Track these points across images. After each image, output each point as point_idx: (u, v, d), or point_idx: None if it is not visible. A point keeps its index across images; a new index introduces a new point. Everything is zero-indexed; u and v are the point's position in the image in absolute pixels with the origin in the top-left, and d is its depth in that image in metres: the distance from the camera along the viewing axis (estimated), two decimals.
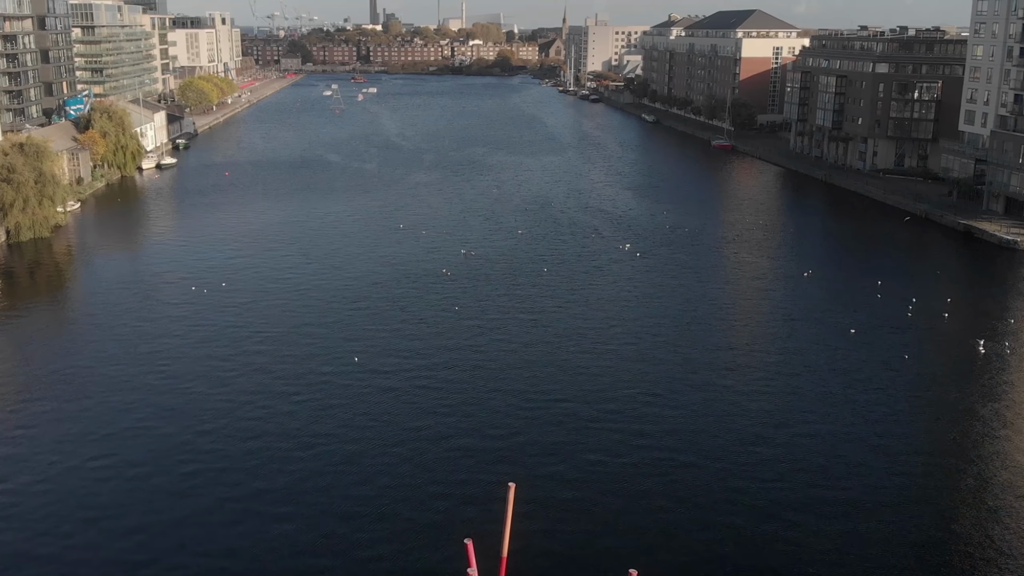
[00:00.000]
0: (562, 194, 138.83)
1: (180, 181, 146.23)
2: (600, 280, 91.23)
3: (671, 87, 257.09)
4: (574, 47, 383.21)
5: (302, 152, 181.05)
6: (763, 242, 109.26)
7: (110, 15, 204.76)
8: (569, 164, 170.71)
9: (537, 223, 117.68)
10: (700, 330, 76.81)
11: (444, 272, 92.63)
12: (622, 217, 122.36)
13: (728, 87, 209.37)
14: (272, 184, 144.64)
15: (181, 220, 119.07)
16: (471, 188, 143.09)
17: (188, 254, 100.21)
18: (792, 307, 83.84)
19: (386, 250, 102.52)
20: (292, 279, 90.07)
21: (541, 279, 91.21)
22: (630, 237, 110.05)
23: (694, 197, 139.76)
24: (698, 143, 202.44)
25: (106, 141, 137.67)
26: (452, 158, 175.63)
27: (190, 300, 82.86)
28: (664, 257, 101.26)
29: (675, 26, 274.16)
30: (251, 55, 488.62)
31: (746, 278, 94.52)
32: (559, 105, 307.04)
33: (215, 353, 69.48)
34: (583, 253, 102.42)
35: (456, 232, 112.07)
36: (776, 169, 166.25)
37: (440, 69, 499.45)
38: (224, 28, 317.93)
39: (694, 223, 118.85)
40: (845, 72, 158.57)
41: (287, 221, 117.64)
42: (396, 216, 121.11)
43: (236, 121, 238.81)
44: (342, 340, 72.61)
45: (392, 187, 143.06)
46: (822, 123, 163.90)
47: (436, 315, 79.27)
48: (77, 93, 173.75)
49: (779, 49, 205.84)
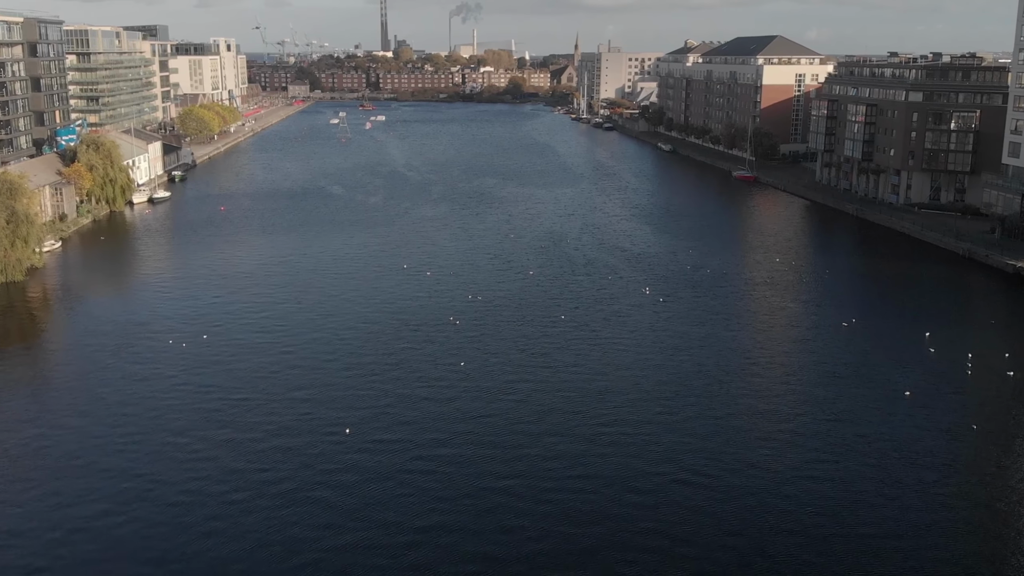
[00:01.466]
0: (576, 229, 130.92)
1: (172, 216, 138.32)
2: (620, 330, 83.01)
3: (688, 115, 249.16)
4: (587, 74, 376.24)
5: (304, 184, 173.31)
6: (795, 285, 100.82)
7: (107, 42, 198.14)
8: (583, 196, 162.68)
9: (550, 262, 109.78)
10: (736, 391, 68.46)
11: (451, 320, 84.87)
12: (641, 255, 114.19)
13: (749, 115, 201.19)
14: (269, 219, 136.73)
15: (167, 260, 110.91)
16: (480, 223, 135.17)
17: (170, 300, 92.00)
18: (835, 362, 75.44)
19: (387, 294, 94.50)
20: (281, 330, 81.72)
21: (556, 328, 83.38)
22: (650, 278, 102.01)
23: (717, 233, 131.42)
24: (717, 173, 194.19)
25: (93, 175, 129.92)
26: (461, 190, 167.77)
27: (164, 357, 74.53)
28: (688, 302, 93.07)
29: (692, 52, 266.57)
30: (258, 82, 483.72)
31: (780, 326, 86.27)
32: (572, 133, 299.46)
33: (181, 427, 60.88)
34: (600, 296, 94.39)
35: (463, 272, 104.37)
36: (802, 202, 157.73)
37: (450, 96, 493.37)
38: (229, 55, 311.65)
39: (718, 262, 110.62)
40: (875, 101, 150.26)
41: (282, 260, 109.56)
42: (400, 254, 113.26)
43: (238, 151, 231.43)
44: (332, 408, 64.06)
45: (397, 222, 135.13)
46: (851, 154, 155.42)
47: (440, 374, 70.97)
48: (70, 123, 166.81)
49: (802, 76, 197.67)
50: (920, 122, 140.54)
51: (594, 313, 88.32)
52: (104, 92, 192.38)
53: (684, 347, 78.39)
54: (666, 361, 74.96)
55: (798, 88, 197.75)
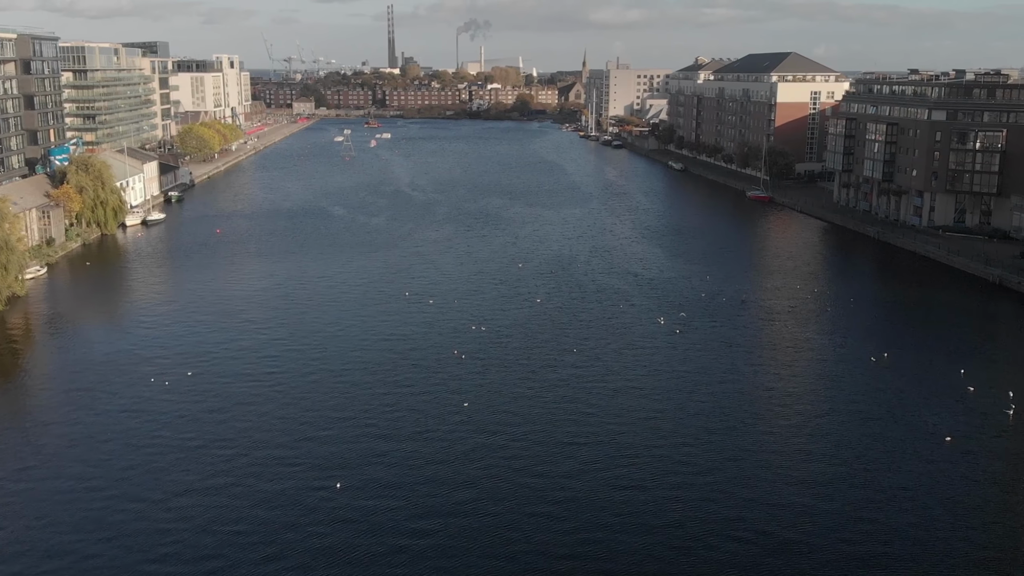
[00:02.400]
0: (585, 252, 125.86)
1: (166, 239, 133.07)
2: (635, 365, 77.81)
3: (699, 133, 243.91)
4: (595, 91, 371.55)
5: (304, 204, 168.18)
6: (819, 314, 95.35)
7: (105, 59, 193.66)
8: (593, 217, 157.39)
9: (559, 288, 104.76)
10: (762, 434, 63.43)
11: (455, 354, 79.77)
12: (654, 281, 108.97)
13: (762, 134, 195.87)
14: (266, 241, 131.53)
15: (156, 288, 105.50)
16: (486, 245, 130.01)
17: (156, 332, 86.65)
18: (867, 400, 70.27)
19: (387, 325, 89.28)
20: (271, 367, 76.30)
21: (566, 362, 78.38)
22: (665, 307, 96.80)
23: (732, 256, 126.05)
24: (730, 193, 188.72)
25: (82, 196, 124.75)
26: (466, 210, 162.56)
27: (144, 396, 69.19)
28: (706, 333, 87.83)
29: (703, 70, 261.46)
30: (263, 99, 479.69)
31: (806, 360, 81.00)
32: (580, 151, 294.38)
33: (153, 479, 55.48)
34: (613, 327, 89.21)
35: (468, 300, 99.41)
36: (820, 224, 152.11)
37: (457, 113, 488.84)
38: (232, 71, 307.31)
39: (735, 288, 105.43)
40: (896, 119, 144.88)
41: (276, 287, 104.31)
42: (401, 280, 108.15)
43: (239, 170, 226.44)
44: (322, 457, 58.57)
45: (399, 245, 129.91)
46: (870, 174, 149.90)
47: (441, 416, 65.65)
48: (64, 142, 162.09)
49: (817, 94, 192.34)
50: (943, 142, 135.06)
51: (606, 345, 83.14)
52: (101, 110, 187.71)
53: (704, 384, 73.16)
54: (685, 401, 69.58)
55: (813, 106, 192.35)
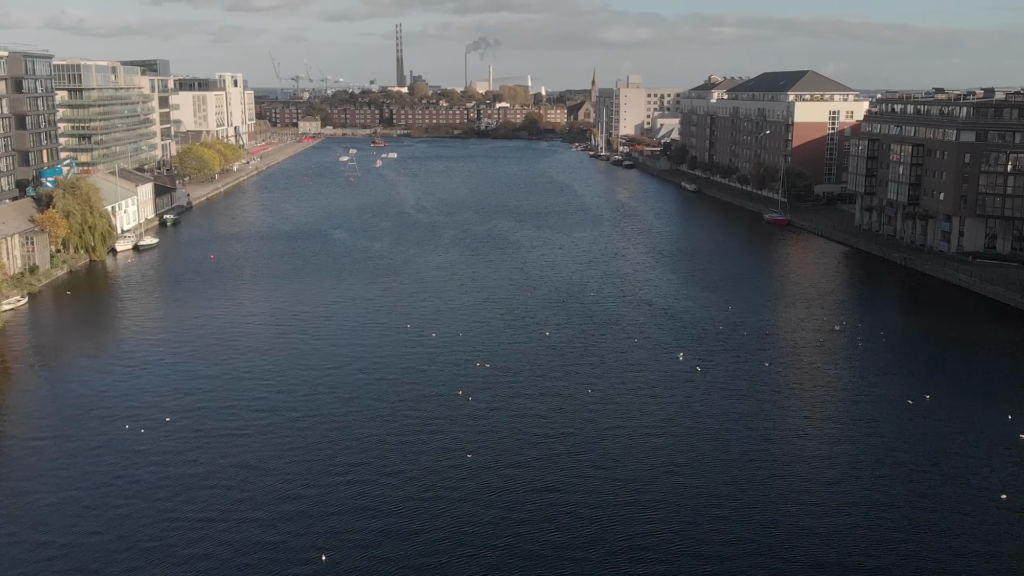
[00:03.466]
0: (597, 279, 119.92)
1: (157, 266, 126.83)
2: (653, 408, 72.00)
3: (713, 153, 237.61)
4: (605, 110, 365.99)
5: (305, 227, 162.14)
6: (848, 349, 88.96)
7: (102, 77, 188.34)
8: (604, 241, 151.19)
9: (569, 320, 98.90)
10: (796, 488, 57.60)
11: (458, 395, 73.89)
12: (670, 311, 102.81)
13: (779, 154, 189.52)
14: (262, 267, 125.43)
15: (141, 319, 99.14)
16: (492, 271, 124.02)
17: (136, 370, 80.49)
18: (909, 450, 64.50)
19: (386, 362, 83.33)
20: (257, 412, 70.03)
21: (578, 402, 72.64)
22: (682, 339, 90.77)
23: (751, 283, 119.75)
24: (746, 216, 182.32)
25: (69, 221, 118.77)
26: (473, 233, 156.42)
27: (113, 448, 62.96)
28: (728, 369, 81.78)
29: (716, 88, 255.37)
30: (268, 118, 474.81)
31: (838, 401, 75.10)
32: (590, 171, 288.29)
33: (116, 548, 49.16)
34: (628, 364, 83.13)
35: (472, 332, 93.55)
36: (842, 249, 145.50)
37: (465, 132, 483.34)
38: (236, 90, 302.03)
39: (757, 319, 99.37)
40: (922, 140, 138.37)
41: (269, 319, 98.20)
42: (403, 310, 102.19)
43: (240, 191, 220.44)
44: (308, 524, 52.17)
45: (402, 271, 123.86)
46: (895, 197, 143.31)
47: (442, 471, 59.55)
48: (57, 163, 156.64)
49: (836, 113, 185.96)
50: (973, 164, 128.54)
51: (620, 385, 77.22)
52: (97, 130, 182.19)
53: (729, 430, 67.17)
54: (709, 450, 63.54)
55: (832, 126, 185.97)
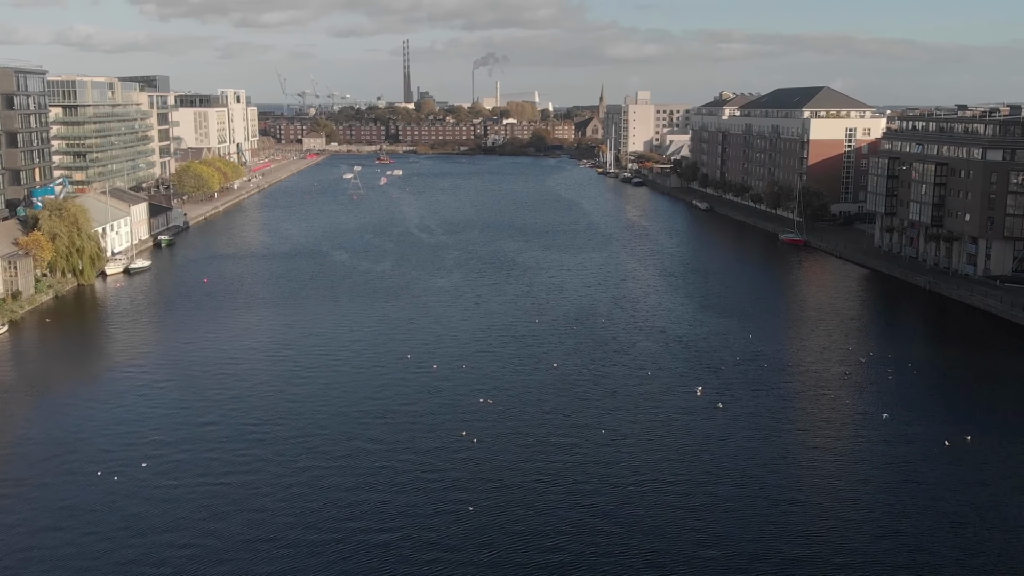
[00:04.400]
0: (607, 303, 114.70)
1: (147, 290, 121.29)
2: (671, 450, 67.23)
3: (725, 171, 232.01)
4: (613, 126, 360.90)
5: (304, 248, 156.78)
6: (876, 383, 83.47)
7: (98, 93, 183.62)
8: (614, 262, 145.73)
9: (577, 348, 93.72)
10: (835, 547, 52.22)
11: (461, 435, 68.65)
12: (684, 339, 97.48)
13: (794, 172, 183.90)
14: (258, 293, 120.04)
15: (125, 350, 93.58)
16: (498, 295, 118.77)
17: (114, 407, 75.12)
18: (952, 500, 58.88)
19: (383, 397, 78.33)
20: (240, 458, 64.58)
21: (589, 445, 67.21)
22: (699, 371, 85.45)
23: (769, 308, 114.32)
24: (760, 236, 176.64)
25: (55, 244, 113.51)
26: (478, 255, 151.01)
27: (84, 495, 57.66)
28: (751, 406, 76.49)
29: (727, 105, 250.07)
30: (273, 134, 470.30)
31: (870, 442, 69.59)
32: (599, 189, 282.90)
33: None
34: (642, 399, 77.96)
35: (476, 363, 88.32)
36: (862, 271, 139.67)
37: (472, 149, 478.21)
38: (238, 106, 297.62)
39: (777, 349, 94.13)
40: (945, 159, 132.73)
41: (261, 349, 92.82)
42: (403, 338, 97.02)
43: (239, 209, 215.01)
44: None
45: (403, 295, 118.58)
46: (917, 218, 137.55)
47: (441, 526, 54.24)
48: (49, 182, 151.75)
49: (852, 130, 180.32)
50: (1000, 184, 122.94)
51: (634, 424, 72.06)
52: (92, 147, 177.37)
53: (754, 477, 62.02)
54: (734, 499, 58.67)
55: (848, 143, 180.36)
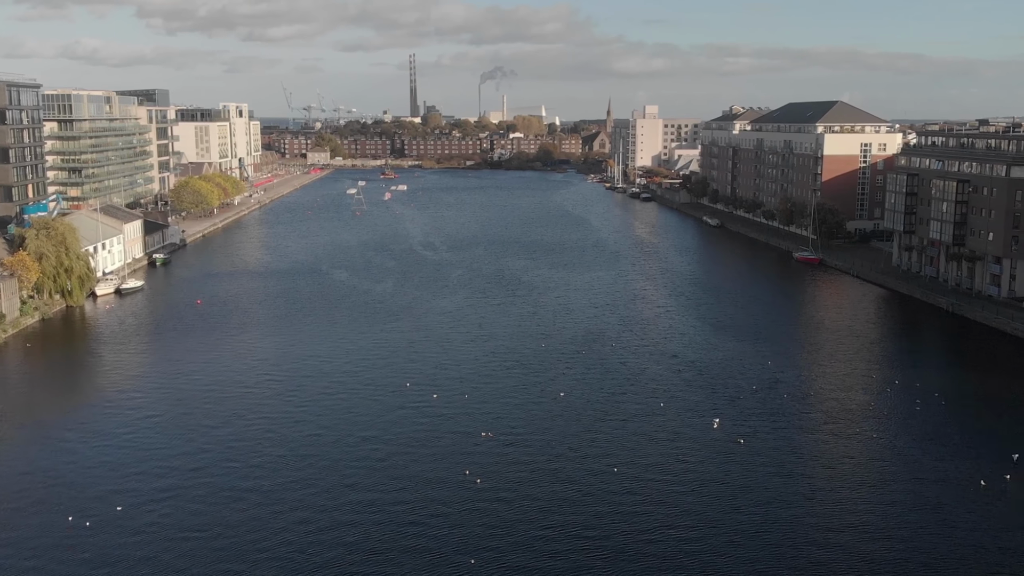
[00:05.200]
0: (615, 325, 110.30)
1: (139, 313, 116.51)
2: (690, 491, 62.63)
3: (735, 186, 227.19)
4: (621, 141, 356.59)
5: (303, 266, 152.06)
6: (903, 415, 78.90)
7: (95, 107, 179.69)
8: (623, 281, 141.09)
9: (585, 375, 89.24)
10: None
11: (465, 474, 64.17)
12: (698, 364, 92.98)
13: (807, 188, 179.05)
14: (252, 315, 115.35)
15: (109, 379, 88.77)
16: (503, 316, 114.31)
17: (92, 443, 70.57)
18: (999, 551, 53.85)
19: (379, 430, 73.98)
20: (225, 500, 59.68)
21: (601, 488, 62.41)
22: (716, 402, 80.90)
23: (786, 332, 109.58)
24: (773, 253, 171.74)
25: (42, 264, 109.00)
26: (483, 273, 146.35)
27: (48, 546, 52.71)
28: (771, 440, 72.21)
29: (738, 119, 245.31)
30: (277, 149, 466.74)
31: (902, 482, 64.56)
32: (607, 204, 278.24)
33: None
34: (655, 433, 73.65)
35: (479, 392, 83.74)
36: (880, 292, 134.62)
37: (478, 163, 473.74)
38: (241, 120, 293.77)
39: (796, 376, 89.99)
40: (967, 176, 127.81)
41: (253, 375, 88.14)
42: (402, 363, 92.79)
43: (239, 226, 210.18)
44: None
45: (404, 316, 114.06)
46: (937, 236, 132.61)
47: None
48: (42, 198, 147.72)
49: (867, 146, 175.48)
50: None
51: (647, 460, 67.92)
52: (88, 163, 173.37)
53: (779, 520, 57.36)
54: (758, 549, 53.58)
55: (864, 159, 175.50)
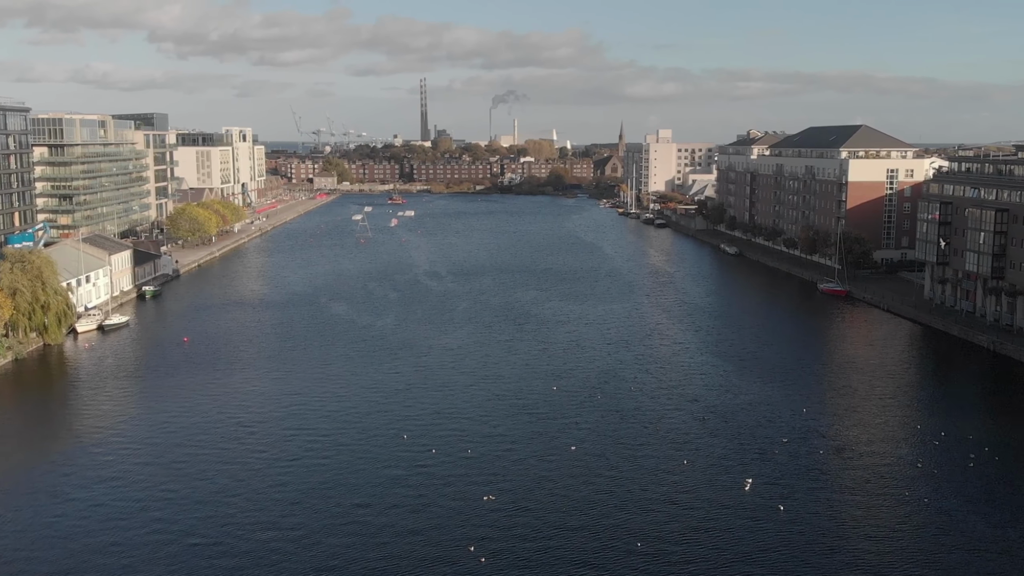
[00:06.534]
0: (631, 364, 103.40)
1: (120, 352, 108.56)
2: (721, 568, 53.85)
3: (753, 213, 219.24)
4: (634, 165, 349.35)
5: (301, 299, 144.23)
6: (955, 474, 71.47)
7: (88, 132, 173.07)
8: (638, 314, 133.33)
9: (599, 424, 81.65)
10: None
11: (470, 551, 56.52)
12: (723, 412, 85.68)
13: (831, 216, 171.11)
14: (241, 354, 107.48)
15: (77, 430, 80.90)
16: (510, 357, 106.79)
17: (57, 506, 62.92)
18: None
19: (369, 494, 65.90)
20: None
21: (620, 565, 54.92)
22: (745, 457, 73.76)
23: (816, 373, 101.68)
24: (796, 284, 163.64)
25: (16, 300, 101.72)
26: (490, 306, 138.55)
27: None
28: (811, 506, 65.33)
29: (756, 144, 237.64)
30: (284, 173, 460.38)
31: (957, 548, 57.99)
32: (620, 231, 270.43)
33: None
34: (678, 496, 66.63)
35: (483, 446, 75.95)
36: (913, 327, 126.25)
37: (488, 187, 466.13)
38: (244, 145, 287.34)
39: (831, 425, 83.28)
40: (1007, 205, 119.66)
41: (234, 429, 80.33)
42: (400, 410, 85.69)
43: (238, 255, 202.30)
44: None
45: (404, 355, 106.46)
46: (974, 269, 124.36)
47: None
48: (28, 227, 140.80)
49: (894, 172, 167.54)
50: None
51: (672, 531, 60.46)
52: (80, 189, 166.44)
53: None
54: None
55: (890, 186, 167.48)
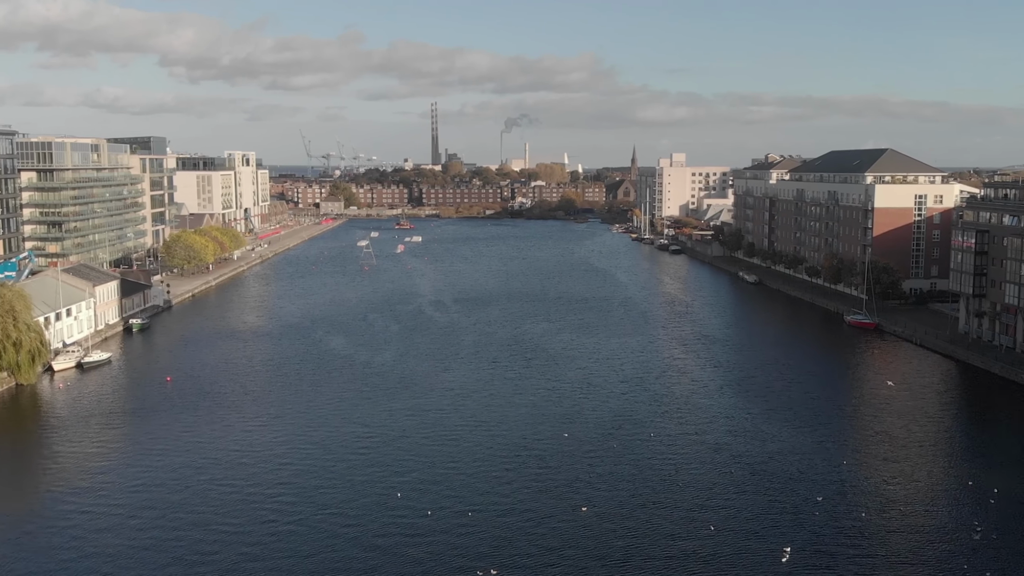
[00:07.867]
0: (647, 407, 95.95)
1: (98, 393, 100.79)
2: None
3: (773, 239, 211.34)
4: (648, 189, 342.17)
5: (296, 332, 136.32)
6: (1015, 540, 62.20)
7: (80, 156, 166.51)
8: (654, 349, 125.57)
9: (614, 480, 73.84)
10: None
11: None
12: (750, 462, 78.25)
13: (856, 243, 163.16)
14: (225, 396, 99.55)
15: (45, 483, 73.55)
16: (516, 396, 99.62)
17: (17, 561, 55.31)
18: None
19: (362, 561, 57.69)
20: None
21: None
22: (779, 520, 66.28)
23: (848, 415, 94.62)
24: (820, 316, 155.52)
25: None
26: (497, 341, 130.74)
27: None
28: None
29: (775, 168, 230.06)
30: (291, 198, 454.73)
31: None
32: (634, 257, 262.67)
33: None
34: (706, 569, 56.70)
35: (482, 505, 68.26)
36: (948, 364, 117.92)
37: (498, 212, 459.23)
38: (247, 169, 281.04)
39: (870, 478, 74.77)
40: None
41: (207, 485, 72.60)
42: (391, 464, 78.17)
43: (236, 283, 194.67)
44: None
45: (402, 396, 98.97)
46: (1015, 302, 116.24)
47: None
48: (12, 256, 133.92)
49: (922, 198, 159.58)
50: None
51: None
52: (70, 216, 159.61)
53: None
54: None
55: (918, 212, 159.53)
